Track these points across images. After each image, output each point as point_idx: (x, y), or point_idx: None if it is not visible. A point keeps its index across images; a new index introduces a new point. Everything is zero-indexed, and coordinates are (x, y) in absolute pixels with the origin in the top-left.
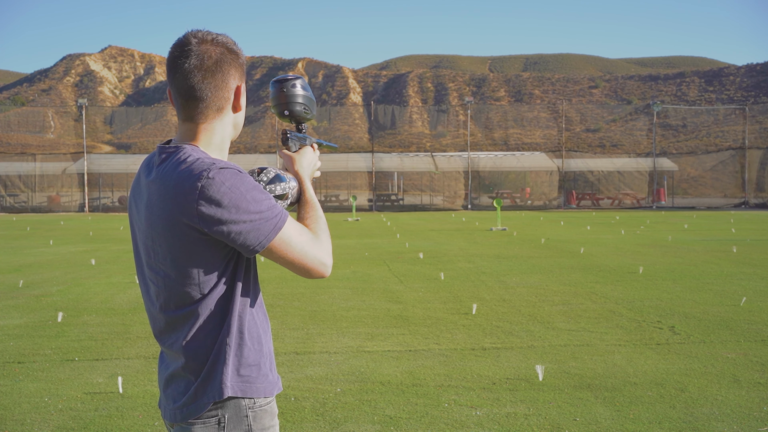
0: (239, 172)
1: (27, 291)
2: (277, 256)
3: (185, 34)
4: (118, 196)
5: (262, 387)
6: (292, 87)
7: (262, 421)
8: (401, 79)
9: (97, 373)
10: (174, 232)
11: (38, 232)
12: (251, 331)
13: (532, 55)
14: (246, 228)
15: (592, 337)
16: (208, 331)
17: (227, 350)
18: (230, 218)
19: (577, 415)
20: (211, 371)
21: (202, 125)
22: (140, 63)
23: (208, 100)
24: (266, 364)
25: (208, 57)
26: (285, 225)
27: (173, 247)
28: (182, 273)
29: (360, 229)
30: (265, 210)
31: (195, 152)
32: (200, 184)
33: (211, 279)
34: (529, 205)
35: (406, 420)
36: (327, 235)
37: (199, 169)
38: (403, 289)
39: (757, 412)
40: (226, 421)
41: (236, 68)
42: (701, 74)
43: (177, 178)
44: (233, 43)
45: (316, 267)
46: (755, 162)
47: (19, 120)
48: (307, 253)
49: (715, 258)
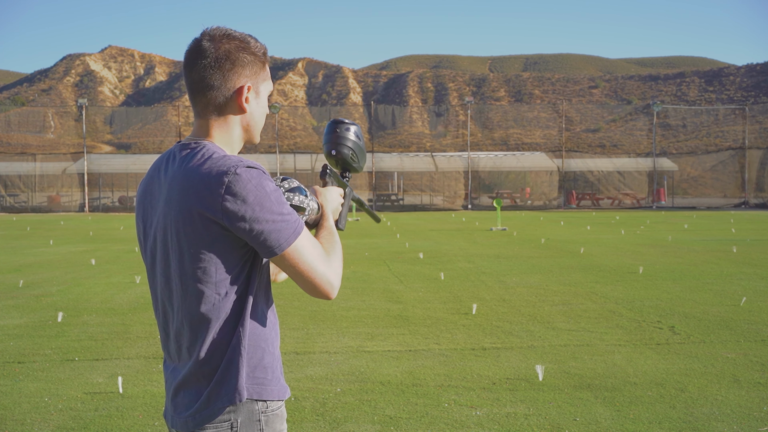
0: (264, 173)
1: (27, 291)
2: (288, 264)
3: (202, 30)
4: (118, 196)
5: (275, 390)
6: (346, 130)
7: (274, 425)
8: (401, 79)
9: (97, 373)
10: (195, 227)
11: (38, 232)
12: (265, 334)
13: (532, 55)
14: (268, 228)
15: (592, 337)
16: (223, 334)
17: (241, 353)
18: (254, 216)
19: (577, 415)
20: (225, 375)
21: (211, 121)
22: (140, 63)
23: (213, 96)
24: (278, 367)
25: (215, 52)
26: (302, 234)
27: (192, 243)
28: (199, 271)
29: (360, 229)
30: (287, 213)
31: (218, 149)
32: (227, 179)
33: (227, 279)
34: (529, 205)
35: (406, 420)
36: (340, 259)
37: (226, 165)
38: (403, 289)
39: (757, 412)
40: (238, 426)
41: (244, 67)
42: (701, 74)
43: (203, 173)
44: (247, 42)
45: (323, 285)
46: (755, 162)
47: (19, 120)
48: (316, 269)
49: (715, 258)
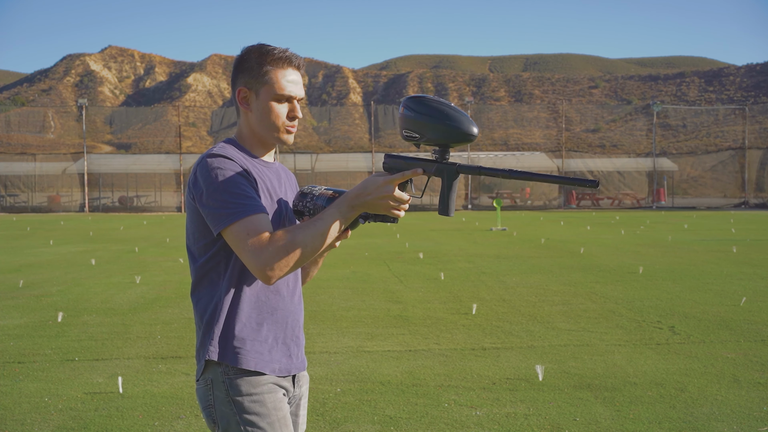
0: (225, 159)
1: (27, 291)
2: (231, 245)
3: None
4: (118, 196)
5: (245, 359)
6: (400, 109)
7: (239, 388)
8: (401, 79)
9: (97, 373)
10: (187, 201)
11: (38, 232)
12: (244, 306)
13: (532, 55)
14: (206, 210)
15: (592, 337)
16: (205, 297)
17: (218, 317)
18: (201, 199)
19: (577, 415)
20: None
21: (238, 119)
22: (140, 63)
23: (233, 97)
24: (263, 341)
25: (234, 62)
26: (239, 221)
27: (187, 215)
28: (189, 235)
29: (360, 228)
30: (229, 201)
31: (220, 144)
32: (196, 165)
33: (204, 246)
34: (529, 205)
35: (406, 420)
36: (287, 249)
37: (203, 154)
38: (403, 289)
39: (757, 412)
40: (212, 383)
41: (243, 73)
42: (701, 74)
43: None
44: (251, 51)
45: (252, 270)
46: (755, 162)
47: (19, 120)
48: (243, 254)
49: (715, 258)
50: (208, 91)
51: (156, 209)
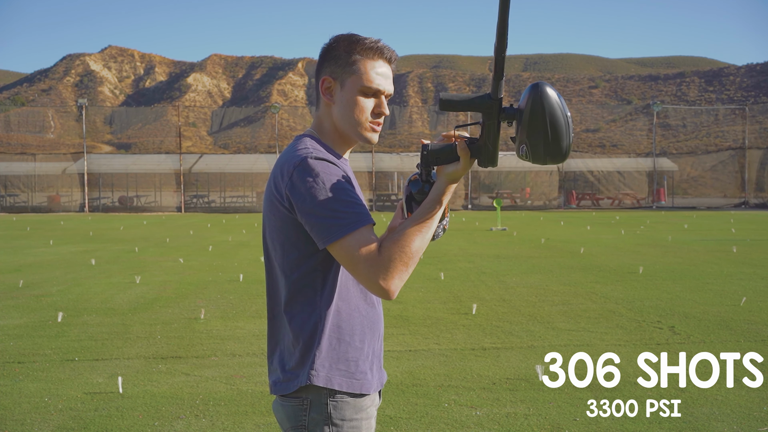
0: (328, 163)
1: (27, 291)
2: (339, 259)
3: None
4: (118, 196)
5: (347, 382)
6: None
7: (343, 413)
8: (401, 79)
9: (97, 373)
10: (271, 208)
11: (38, 232)
12: (347, 325)
13: (532, 55)
14: (312, 221)
15: (592, 337)
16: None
17: (319, 339)
18: (304, 207)
19: (577, 415)
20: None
21: (317, 112)
22: (140, 63)
23: (316, 88)
24: (364, 361)
25: (321, 51)
26: (352, 233)
27: (270, 224)
28: (277, 247)
29: None
30: (339, 210)
31: (307, 142)
32: (292, 169)
33: (296, 259)
34: (529, 205)
35: (406, 420)
36: (402, 258)
37: (294, 158)
38: (403, 288)
39: (757, 412)
40: (309, 405)
41: (329, 61)
42: (701, 74)
43: (280, 162)
44: (340, 40)
45: (368, 287)
46: (755, 162)
47: (19, 120)
48: (357, 269)
49: (715, 258)
50: (208, 91)
51: (156, 209)
